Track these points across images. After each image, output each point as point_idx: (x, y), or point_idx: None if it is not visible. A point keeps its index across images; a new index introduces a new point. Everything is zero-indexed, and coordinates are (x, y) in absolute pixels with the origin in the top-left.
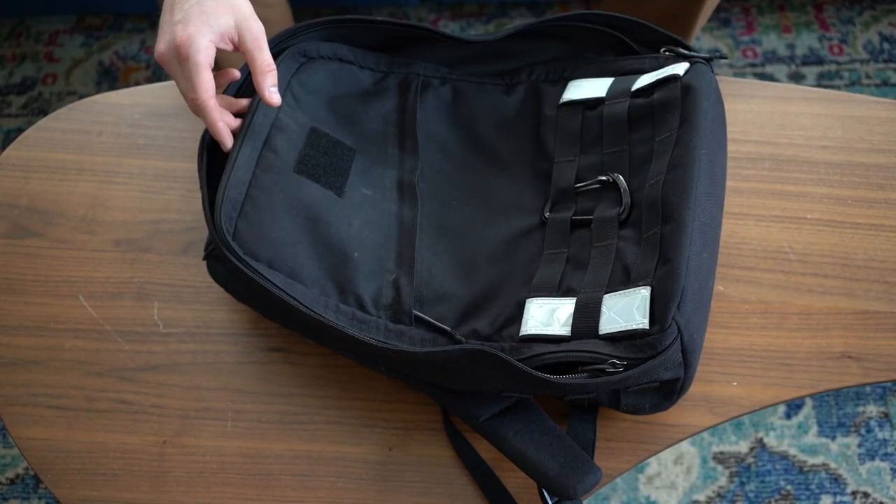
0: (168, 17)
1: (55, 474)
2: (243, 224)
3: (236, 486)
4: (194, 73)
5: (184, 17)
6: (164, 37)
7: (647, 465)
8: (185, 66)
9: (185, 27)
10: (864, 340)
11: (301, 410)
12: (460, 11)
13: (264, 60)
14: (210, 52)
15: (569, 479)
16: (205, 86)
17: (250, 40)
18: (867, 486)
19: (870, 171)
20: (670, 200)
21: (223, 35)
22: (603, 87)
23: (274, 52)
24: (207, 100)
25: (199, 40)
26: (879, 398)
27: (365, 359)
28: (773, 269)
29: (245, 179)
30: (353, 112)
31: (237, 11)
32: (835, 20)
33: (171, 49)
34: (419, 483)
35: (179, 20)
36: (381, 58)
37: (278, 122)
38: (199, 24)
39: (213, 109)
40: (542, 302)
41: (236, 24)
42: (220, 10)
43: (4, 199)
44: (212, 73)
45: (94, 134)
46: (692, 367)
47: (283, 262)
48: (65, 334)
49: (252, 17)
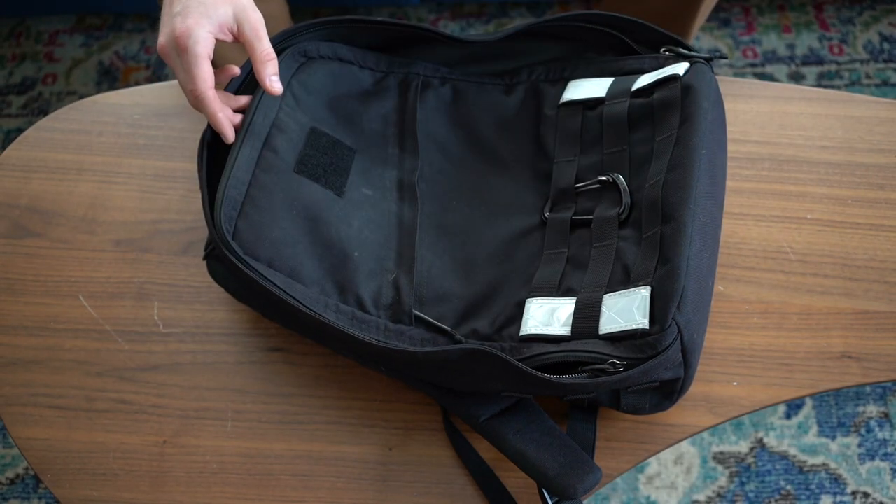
0: (168, 9)
1: (55, 474)
2: (243, 224)
3: (236, 486)
4: (193, 64)
5: (183, 10)
6: (164, 29)
7: (647, 465)
8: (184, 58)
9: (183, 19)
10: (864, 340)
11: (301, 410)
12: (460, 11)
13: (264, 49)
14: (209, 43)
15: (569, 478)
16: (203, 76)
17: (249, 30)
18: (867, 486)
19: (870, 171)
20: (670, 200)
21: (222, 26)
22: (603, 87)
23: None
24: (206, 91)
25: (197, 31)
26: (879, 398)
27: (365, 359)
28: (773, 269)
29: (245, 179)
30: (353, 112)
31: (236, 2)
32: (835, 20)
33: (170, 41)
34: (419, 483)
35: (178, 12)
36: (381, 58)
37: (278, 121)
38: (197, 16)
39: (212, 101)
40: (542, 302)
41: (235, 15)
42: (218, 1)
43: (4, 199)
44: (211, 66)
45: (94, 134)
46: (692, 367)
47: (282, 262)
48: (65, 334)
49: (251, 6)
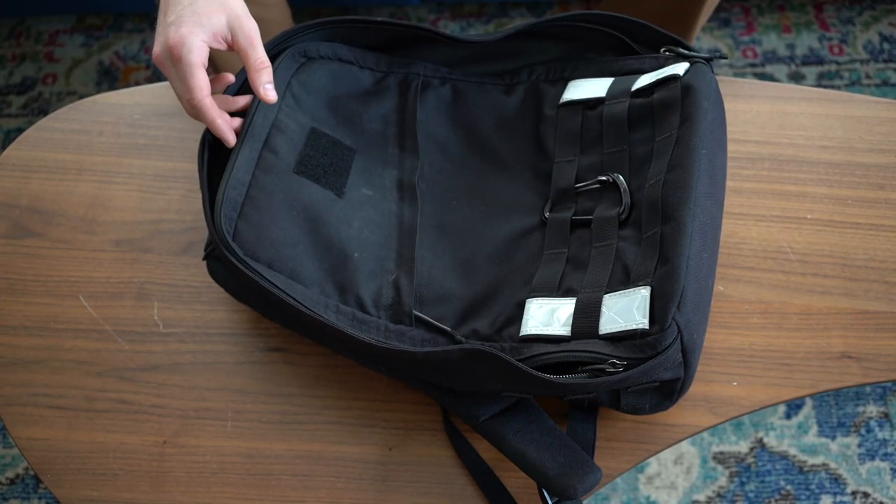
0: (162, 18)
1: (55, 474)
2: (243, 225)
3: (236, 486)
4: (188, 73)
5: (176, 19)
6: (158, 38)
7: (647, 465)
8: (179, 68)
9: (177, 28)
10: (864, 340)
11: (301, 410)
12: (460, 11)
13: (257, 58)
14: (203, 51)
15: (569, 478)
16: (199, 85)
17: (243, 38)
18: (867, 486)
19: (870, 171)
20: (670, 200)
21: (216, 35)
22: (603, 87)
23: (274, 53)
24: (203, 99)
25: (191, 40)
26: (879, 398)
27: (365, 359)
28: (773, 269)
29: (245, 180)
30: (353, 112)
31: (229, 10)
32: (835, 20)
33: (164, 51)
34: (419, 483)
35: (172, 22)
36: (381, 58)
37: (278, 122)
38: (191, 25)
39: (209, 108)
40: (542, 302)
41: (229, 23)
42: (211, 9)
43: (4, 199)
44: (206, 75)
45: (94, 134)
46: (692, 367)
47: (283, 263)
48: (65, 334)
49: (245, 15)
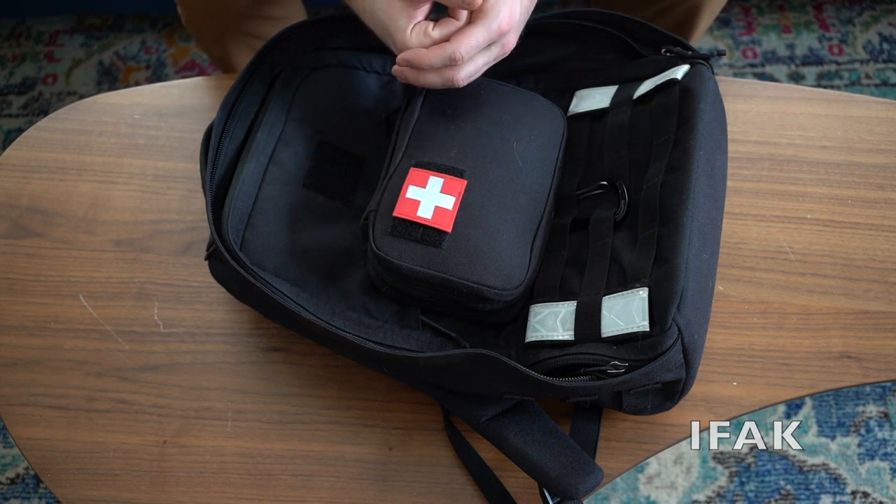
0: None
1: (55, 474)
2: (250, 235)
3: (236, 486)
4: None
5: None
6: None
7: (647, 465)
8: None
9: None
10: (864, 340)
11: (301, 410)
12: None
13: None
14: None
15: (571, 479)
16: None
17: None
18: (867, 486)
19: (870, 171)
20: (668, 202)
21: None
22: (607, 96)
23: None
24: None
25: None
26: (879, 398)
27: (366, 359)
28: (773, 269)
29: (252, 192)
30: (361, 119)
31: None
32: (835, 20)
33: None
34: (419, 483)
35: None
36: (386, 60)
37: (284, 136)
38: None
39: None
40: (544, 307)
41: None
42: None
43: (4, 199)
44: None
45: (94, 134)
46: (693, 367)
47: (289, 272)
48: (65, 334)
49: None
